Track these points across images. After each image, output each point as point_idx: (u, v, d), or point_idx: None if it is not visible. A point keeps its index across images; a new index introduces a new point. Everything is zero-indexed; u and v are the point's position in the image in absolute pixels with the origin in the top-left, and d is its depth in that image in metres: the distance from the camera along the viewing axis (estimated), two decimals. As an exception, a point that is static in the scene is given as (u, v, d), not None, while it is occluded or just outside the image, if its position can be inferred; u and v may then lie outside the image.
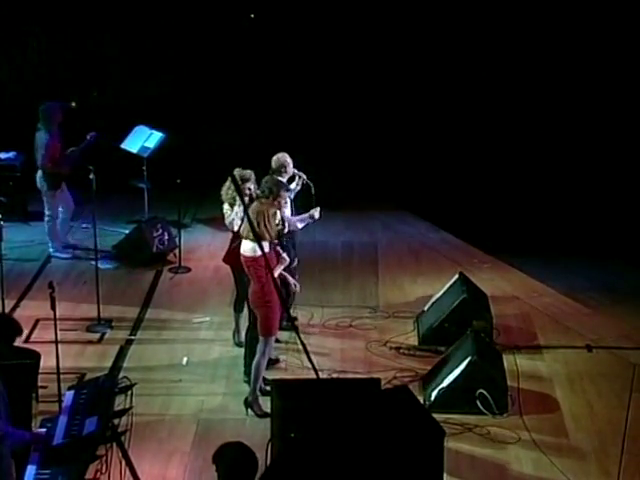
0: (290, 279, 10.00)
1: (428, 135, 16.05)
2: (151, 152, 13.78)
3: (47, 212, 13.05)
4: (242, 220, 9.87)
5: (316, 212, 10.66)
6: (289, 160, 10.80)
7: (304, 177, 11.00)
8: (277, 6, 16.25)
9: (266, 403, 9.43)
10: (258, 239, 9.05)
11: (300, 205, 11.04)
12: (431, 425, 8.42)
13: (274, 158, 10.77)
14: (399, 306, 11.93)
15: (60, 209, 13.10)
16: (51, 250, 13.12)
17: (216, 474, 6.17)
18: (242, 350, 10.42)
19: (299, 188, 11.05)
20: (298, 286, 10.15)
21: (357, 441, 8.05)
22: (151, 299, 12.11)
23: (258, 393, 9.69)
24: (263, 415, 9.52)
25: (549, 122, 15.98)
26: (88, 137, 12.84)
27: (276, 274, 9.50)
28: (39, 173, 12.88)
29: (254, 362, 9.64)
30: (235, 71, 16.20)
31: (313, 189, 10.94)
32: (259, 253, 9.16)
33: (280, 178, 10.48)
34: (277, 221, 9.52)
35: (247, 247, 9.40)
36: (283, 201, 9.99)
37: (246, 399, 9.70)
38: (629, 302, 12.17)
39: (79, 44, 16.18)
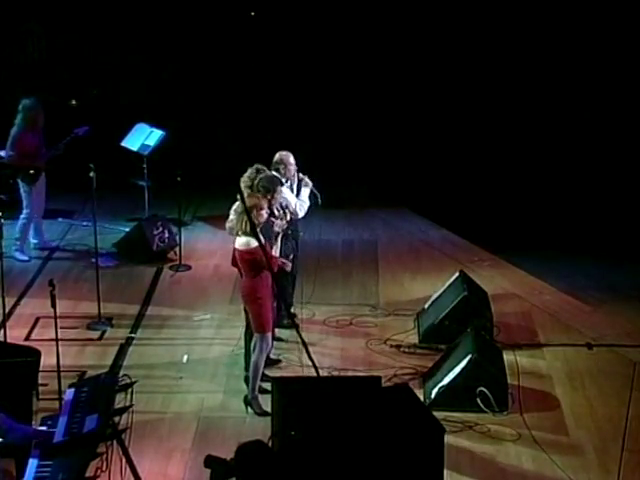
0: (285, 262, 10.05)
1: (429, 133, 16.04)
2: (151, 150, 13.78)
3: (25, 210, 12.81)
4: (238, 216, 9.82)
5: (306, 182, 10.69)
6: (291, 160, 10.78)
7: (310, 185, 10.94)
8: (278, 4, 16.26)
9: (266, 401, 9.43)
10: (254, 232, 9.08)
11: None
12: (431, 423, 8.43)
13: (276, 154, 10.79)
14: (399, 304, 11.93)
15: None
16: (13, 248, 12.68)
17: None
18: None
19: (307, 194, 10.98)
20: (289, 265, 10.14)
21: (357, 439, 8.06)
22: (151, 297, 12.11)
23: (257, 393, 9.69)
24: (262, 413, 9.53)
25: (550, 120, 15.98)
26: (77, 131, 12.76)
27: (274, 251, 9.63)
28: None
29: (252, 360, 9.65)
30: (237, 68, 16.21)
31: (320, 199, 10.93)
32: (253, 245, 9.20)
33: (276, 174, 10.51)
34: (264, 217, 9.53)
35: (241, 241, 9.42)
36: (278, 195, 10.01)
37: (245, 397, 9.71)
38: (629, 300, 12.16)
39: (79, 42, 16.18)
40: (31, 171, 12.67)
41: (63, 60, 16.14)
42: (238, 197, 9.66)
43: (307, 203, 10.84)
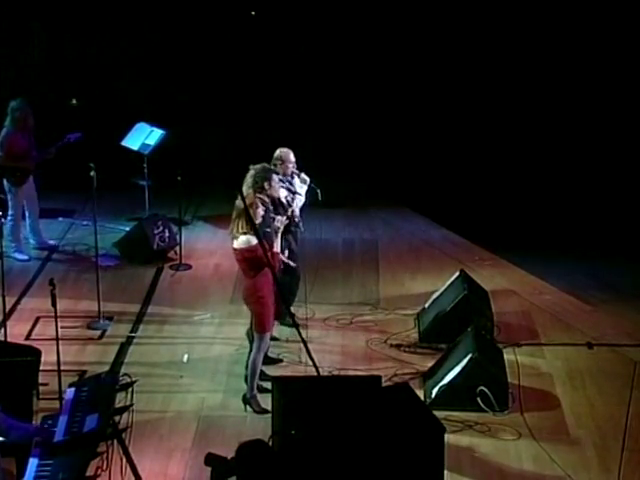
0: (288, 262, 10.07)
1: (429, 132, 16.04)
2: (152, 149, 13.79)
3: (11, 211, 12.79)
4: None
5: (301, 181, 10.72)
6: (291, 158, 10.78)
7: (308, 180, 10.95)
8: (278, 4, 16.25)
9: (266, 400, 9.43)
10: (255, 230, 9.09)
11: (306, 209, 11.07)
12: (432, 422, 8.43)
13: (277, 150, 10.81)
14: (400, 303, 11.93)
15: (25, 210, 12.95)
16: (11, 250, 12.69)
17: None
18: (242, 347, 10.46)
19: (304, 190, 10.99)
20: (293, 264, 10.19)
21: (358, 438, 8.06)
22: (152, 296, 12.11)
23: (255, 391, 9.69)
24: (261, 411, 9.54)
25: (550, 119, 15.98)
26: (69, 136, 12.76)
27: (275, 247, 9.63)
28: None
29: (250, 359, 9.65)
30: (237, 68, 16.20)
31: (320, 195, 10.94)
32: (253, 243, 9.21)
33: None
34: (261, 215, 9.54)
35: (241, 240, 9.40)
36: (275, 184, 10.01)
37: (244, 396, 9.71)
38: (630, 299, 12.18)
39: (80, 42, 16.18)
40: (17, 173, 12.65)
41: (63, 60, 16.13)
42: (238, 197, 9.65)
43: (303, 198, 10.85)
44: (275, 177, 10.03)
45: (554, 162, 15.48)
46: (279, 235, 9.86)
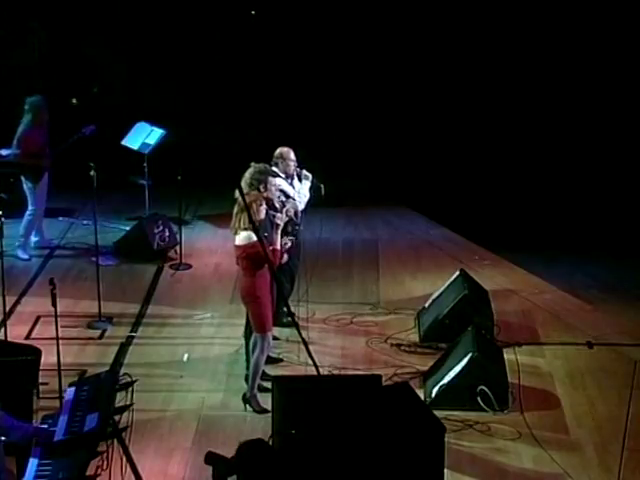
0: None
1: (429, 131, 16.05)
2: (152, 149, 13.79)
3: (30, 207, 12.85)
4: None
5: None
6: (292, 157, 10.78)
7: (310, 177, 10.95)
8: (279, 3, 16.26)
9: (266, 400, 9.43)
10: (255, 229, 9.09)
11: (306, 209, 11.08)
12: (432, 421, 8.43)
13: (277, 149, 10.81)
14: (400, 303, 11.93)
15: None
16: (16, 244, 12.81)
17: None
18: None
19: (307, 187, 10.97)
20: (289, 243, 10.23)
21: (358, 437, 8.05)
22: (152, 296, 12.11)
23: (256, 391, 9.69)
24: (261, 411, 9.54)
25: (550, 119, 15.99)
26: (84, 130, 12.78)
27: (277, 243, 9.62)
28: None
29: (252, 359, 9.64)
30: (237, 67, 16.21)
31: (323, 190, 10.94)
32: (254, 239, 9.21)
33: (274, 168, 10.52)
34: (263, 213, 9.54)
35: (243, 236, 9.39)
36: (271, 186, 9.99)
37: (244, 395, 9.71)
38: (630, 299, 12.16)
39: (79, 41, 16.19)
40: (34, 170, 12.68)
41: (63, 59, 16.14)
42: (237, 195, 9.63)
43: (307, 196, 10.85)
44: (271, 180, 10.04)
45: (554, 162, 15.49)
46: (279, 232, 9.85)
